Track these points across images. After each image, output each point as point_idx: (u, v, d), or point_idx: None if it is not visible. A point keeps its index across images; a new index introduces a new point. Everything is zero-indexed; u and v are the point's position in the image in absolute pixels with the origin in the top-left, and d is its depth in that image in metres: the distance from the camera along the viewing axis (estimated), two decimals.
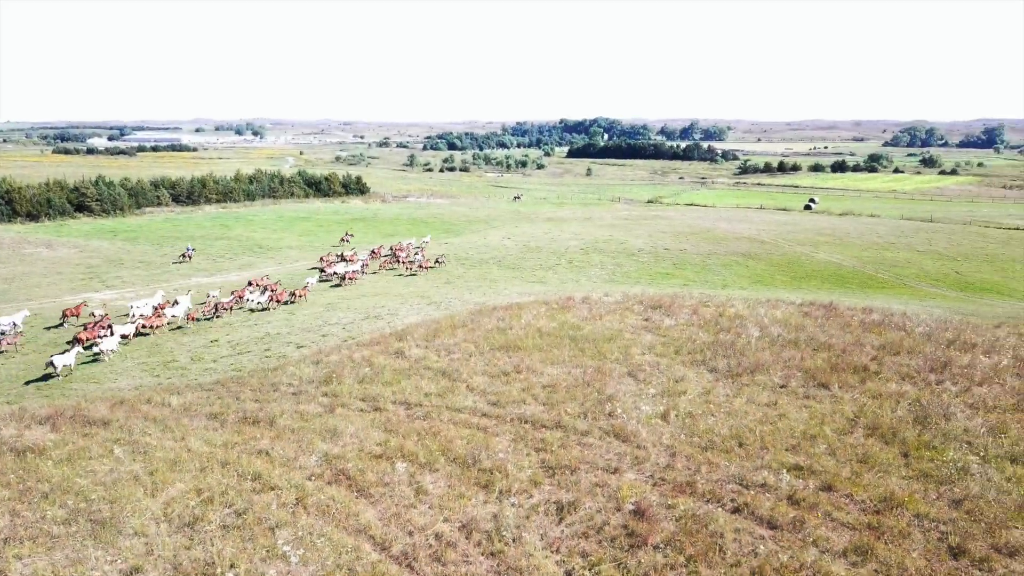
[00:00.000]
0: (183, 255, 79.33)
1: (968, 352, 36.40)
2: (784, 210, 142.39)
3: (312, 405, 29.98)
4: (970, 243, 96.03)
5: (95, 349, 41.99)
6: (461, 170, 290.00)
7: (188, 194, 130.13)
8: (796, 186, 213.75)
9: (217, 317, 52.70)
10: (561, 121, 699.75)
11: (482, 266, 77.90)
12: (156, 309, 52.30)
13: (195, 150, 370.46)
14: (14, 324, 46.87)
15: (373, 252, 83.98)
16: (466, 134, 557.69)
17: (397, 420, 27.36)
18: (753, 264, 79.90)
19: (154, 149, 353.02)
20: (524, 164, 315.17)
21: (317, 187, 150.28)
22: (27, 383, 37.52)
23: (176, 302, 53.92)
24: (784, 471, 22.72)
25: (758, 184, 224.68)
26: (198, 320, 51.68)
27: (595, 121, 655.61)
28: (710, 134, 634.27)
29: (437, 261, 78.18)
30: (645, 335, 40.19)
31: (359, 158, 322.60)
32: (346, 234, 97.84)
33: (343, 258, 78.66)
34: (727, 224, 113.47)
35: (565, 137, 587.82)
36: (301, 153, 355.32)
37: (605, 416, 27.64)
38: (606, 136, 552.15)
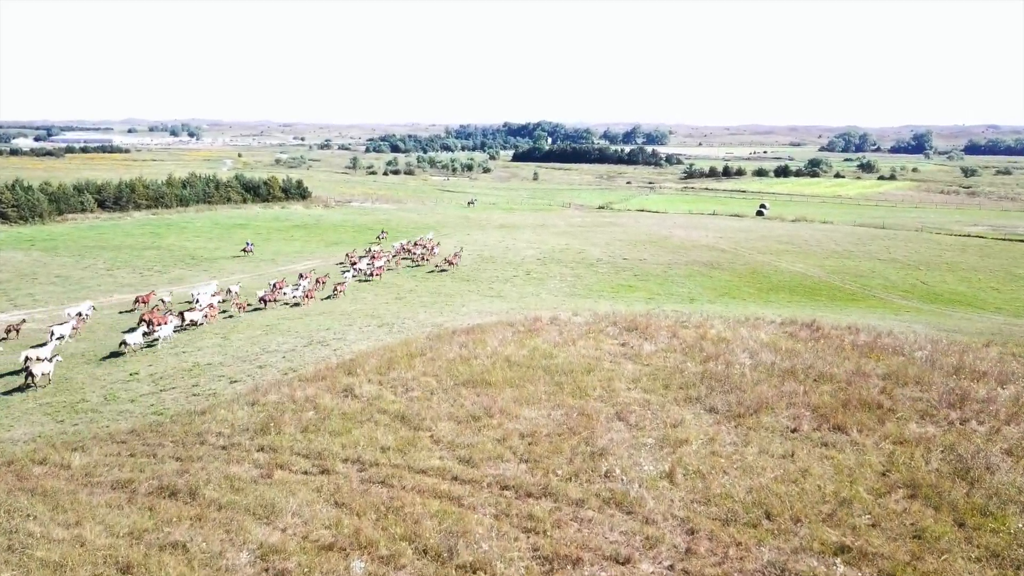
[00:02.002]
0: (244, 249, 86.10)
1: (981, 382, 33.12)
2: (737, 216, 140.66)
3: (245, 466, 24.87)
4: (928, 251, 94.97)
5: (154, 335, 46.19)
6: (406, 173, 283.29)
7: (115, 199, 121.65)
8: (744, 191, 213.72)
9: (257, 309, 57.38)
10: (505, 124, 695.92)
11: (435, 278, 73.07)
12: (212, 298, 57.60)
13: (127, 151, 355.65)
14: (92, 309, 53.96)
15: (403, 247, 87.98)
16: (409, 136, 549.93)
17: (349, 489, 22.47)
18: (717, 275, 76.80)
19: (83, 150, 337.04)
20: (470, 168, 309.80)
21: (255, 192, 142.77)
22: (102, 359, 42.62)
23: (229, 290, 60.33)
24: (831, 556, 18.63)
25: (706, 189, 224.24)
26: (248, 311, 56.63)
27: (539, 124, 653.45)
28: (652, 138, 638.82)
29: (456, 255, 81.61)
30: (626, 364, 35.99)
31: (300, 160, 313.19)
32: (382, 232, 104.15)
33: (370, 254, 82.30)
34: (683, 231, 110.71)
35: (509, 140, 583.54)
36: (240, 155, 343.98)
37: (601, 477, 23.24)
38: (550, 140, 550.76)
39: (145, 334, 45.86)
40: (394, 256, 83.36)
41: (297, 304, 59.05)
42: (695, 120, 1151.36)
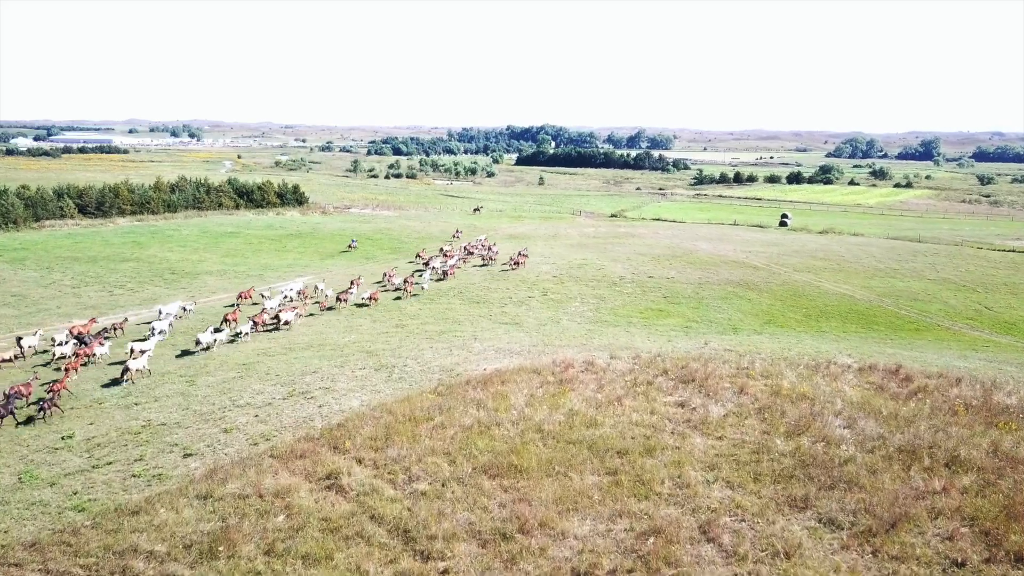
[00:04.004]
0: (349, 245, 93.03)
1: None
2: (760, 227, 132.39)
3: None
4: (978, 270, 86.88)
5: (239, 331, 48.11)
6: (408, 177, 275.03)
7: (98, 204, 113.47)
8: (759, 199, 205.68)
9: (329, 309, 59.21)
10: (508, 128, 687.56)
11: (440, 299, 65.05)
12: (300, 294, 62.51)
13: (126, 152, 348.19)
14: (195, 303, 58.43)
15: (465, 249, 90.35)
16: (412, 139, 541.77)
17: None
18: (755, 297, 68.70)
19: (81, 150, 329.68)
20: (474, 171, 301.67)
21: (249, 197, 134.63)
22: (178, 356, 44.29)
23: (316, 287, 64.53)
24: None
25: (719, 196, 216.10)
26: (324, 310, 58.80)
27: (542, 128, 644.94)
28: (657, 143, 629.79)
29: (521, 255, 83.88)
30: (693, 438, 27.96)
31: (300, 163, 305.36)
32: (456, 231, 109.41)
33: (443, 253, 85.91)
34: (708, 244, 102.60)
35: (513, 144, 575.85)
36: (239, 157, 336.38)
37: None
38: (554, 143, 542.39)
39: (237, 333, 48.26)
40: (465, 256, 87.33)
41: (364, 305, 60.91)
42: (698, 125, 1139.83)
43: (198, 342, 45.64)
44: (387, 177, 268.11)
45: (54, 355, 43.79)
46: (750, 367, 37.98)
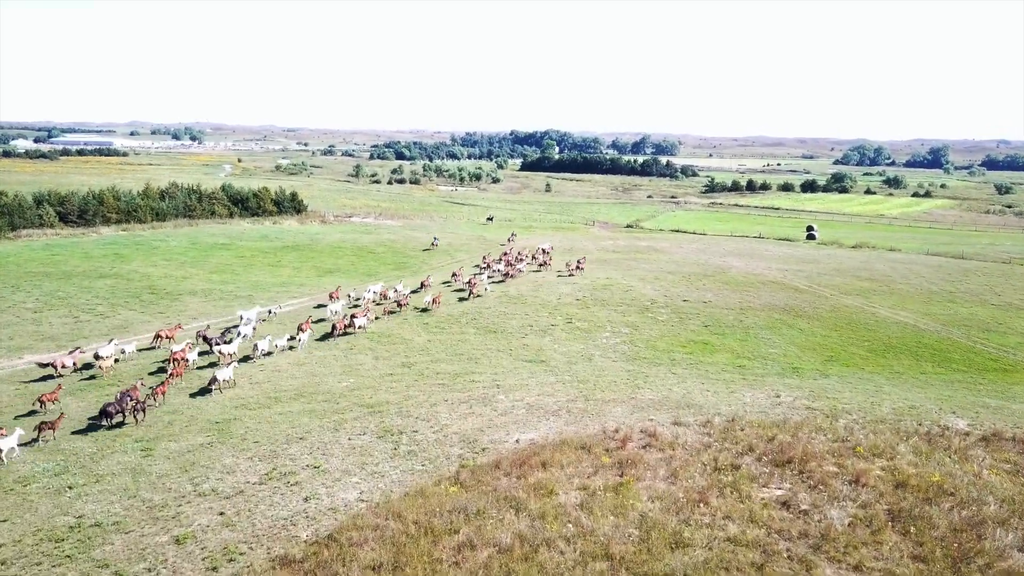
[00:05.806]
0: (433, 243, 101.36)
1: None
2: (787, 240, 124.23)
3: None
4: None
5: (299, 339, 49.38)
6: (411, 182, 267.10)
7: (80, 212, 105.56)
8: (776, 208, 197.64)
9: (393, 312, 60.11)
10: (512, 132, 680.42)
11: (452, 326, 57.22)
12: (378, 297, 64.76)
13: (125, 155, 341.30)
14: (270, 311, 58.96)
15: (519, 257, 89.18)
16: (414, 143, 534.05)
17: None
18: (807, 327, 60.77)
19: (80, 153, 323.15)
20: (478, 177, 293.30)
21: (244, 205, 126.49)
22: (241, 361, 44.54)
23: (395, 289, 66.58)
24: None
25: (735, 205, 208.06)
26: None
27: (546, 133, 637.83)
28: (662, 148, 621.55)
29: (580, 262, 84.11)
30: (823, 569, 20.00)
31: (301, 167, 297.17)
32: (512, 234, 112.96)
33: (504, 256, 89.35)
34: (739, 261, 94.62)
35: (517, 149, 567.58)
36: (239, 160, 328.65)
37: None
38: (558, 149, 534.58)
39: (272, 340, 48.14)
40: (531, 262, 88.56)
41: (426, 310, 61.92)
42: (702, 131, 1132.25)
43: (255, 347, 46.52)
44: (390, 182, 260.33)
45: (171, 353, 44.70)
46: (851, 438, 30.03)
